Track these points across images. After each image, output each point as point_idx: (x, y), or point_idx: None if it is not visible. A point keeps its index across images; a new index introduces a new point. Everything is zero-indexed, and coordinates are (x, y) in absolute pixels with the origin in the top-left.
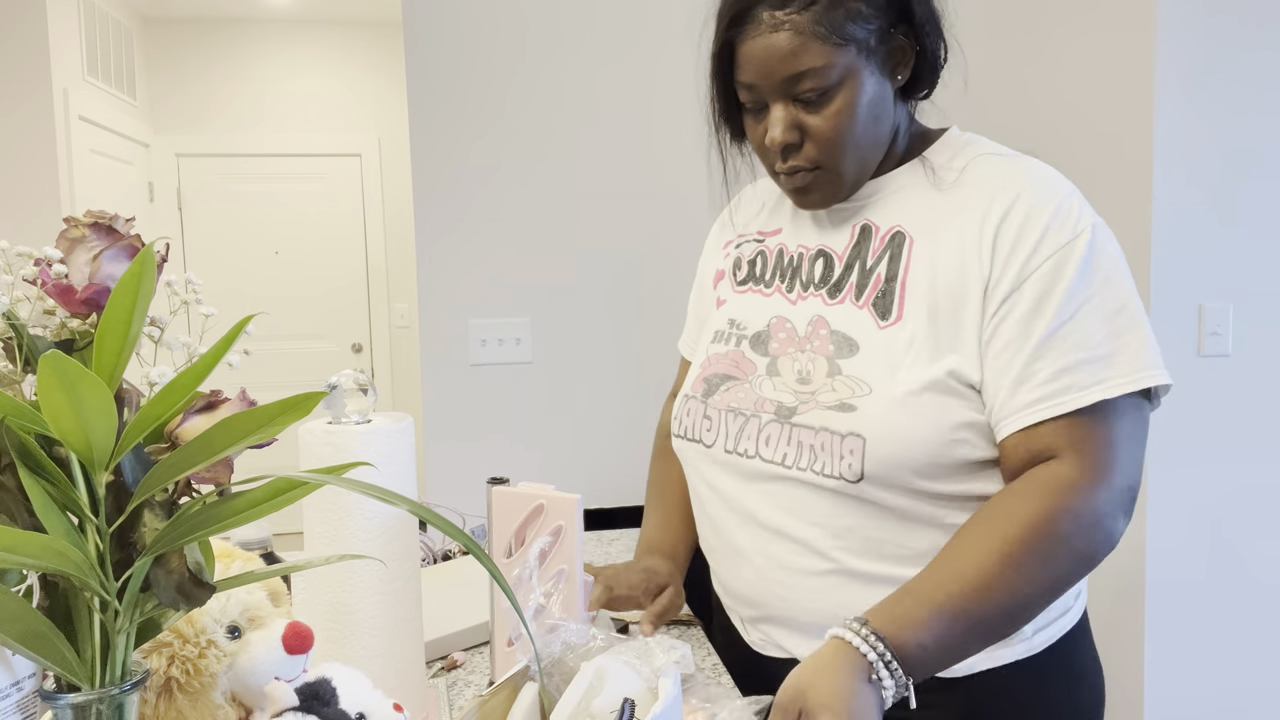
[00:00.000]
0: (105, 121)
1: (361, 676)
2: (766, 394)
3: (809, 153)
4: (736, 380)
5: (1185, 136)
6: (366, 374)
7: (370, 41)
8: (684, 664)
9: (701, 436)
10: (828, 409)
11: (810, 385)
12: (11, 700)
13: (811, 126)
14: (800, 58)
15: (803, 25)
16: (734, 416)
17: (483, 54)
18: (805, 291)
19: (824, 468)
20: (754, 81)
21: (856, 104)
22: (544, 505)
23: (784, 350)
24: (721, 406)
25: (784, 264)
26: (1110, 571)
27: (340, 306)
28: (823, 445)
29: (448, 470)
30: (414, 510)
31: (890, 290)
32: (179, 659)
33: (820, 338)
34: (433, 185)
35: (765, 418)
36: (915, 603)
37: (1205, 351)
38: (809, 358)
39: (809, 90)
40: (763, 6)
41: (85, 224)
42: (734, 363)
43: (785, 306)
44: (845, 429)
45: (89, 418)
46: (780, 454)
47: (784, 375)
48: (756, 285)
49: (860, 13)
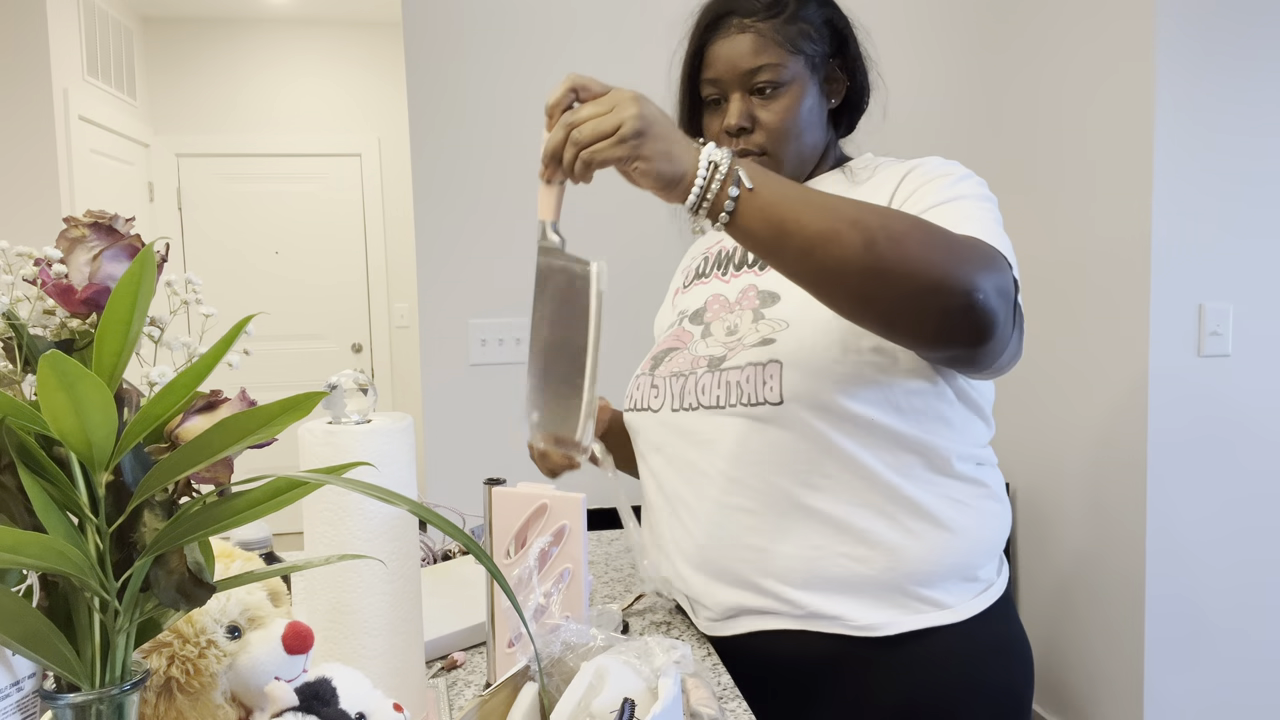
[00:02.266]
0: (105, 121)
1: (361, 676)
2: (700, 352)
3: (758, 139)
4: (677, 349)
5: (1185, 138)
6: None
7: (370, 41)
8: (684, 664)
9: (649, 404)
10: (751, 348)
11: (736, 334)
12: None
13: (762, 117)
14: (760, 55)
15: (765, 31)
16: (676, 379)
17: (483, 54)
18: (738, 271)
19: (749, 398)
20: (720, 75)
21: (800, 104)
22: (547, 505)
23: (716, 316)
24: (665, 374)
25: (720, 258)
26: (1110, 570)
27: (340, 306)
28: (747, 379)
29: (448, 470)
30: (414, 510)
31: None
32: (179, 659)
33: (748, 298)
34: (433, 185)
35: (700, 372)
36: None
37: (1205, 351)
38: (737, 315)
39: (764, 82)
40: (735, 15)
41: (85, 224)
42: (675, 337)
43: (720, 286)
44: (765, 358)
45: (89, 418)
46: (714, 397)
47: (715, 335)
48: (702, 280)
49: (809, 34)
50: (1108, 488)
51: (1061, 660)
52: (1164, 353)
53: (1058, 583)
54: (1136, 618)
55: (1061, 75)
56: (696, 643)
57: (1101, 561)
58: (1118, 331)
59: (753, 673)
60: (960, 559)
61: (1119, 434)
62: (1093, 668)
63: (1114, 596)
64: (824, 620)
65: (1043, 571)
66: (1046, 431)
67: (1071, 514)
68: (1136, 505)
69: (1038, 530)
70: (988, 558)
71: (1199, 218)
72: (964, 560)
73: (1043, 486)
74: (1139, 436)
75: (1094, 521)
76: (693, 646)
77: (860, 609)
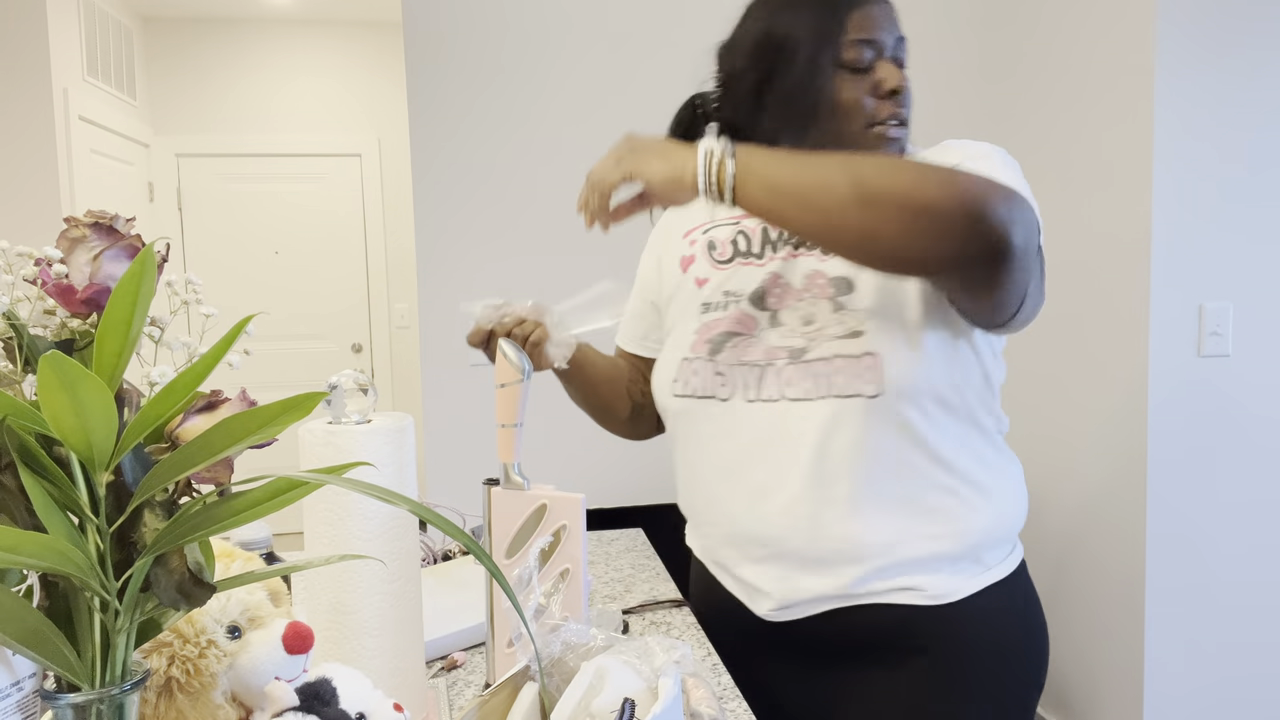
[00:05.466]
0: (105, 121)
1: (361, 676)
2: (775, 342)
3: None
4: (742, 335)
5: (1185, 137)
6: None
7: (370, 41)
8: (684, 664)
9: (715, 392)
10: (837, 339)
11: (815, 324)
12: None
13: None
14: (898, 25)
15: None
16: (749, 369)
17: (483, 54)
18: (796, 252)
19: (842, 390)
20: (877, 36)
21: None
22: (547, 505)
23: (783, 303)
24: (732, 361)
25: (770, 237)
26: (1111, 570)
27: (340, 306)
28: (837, 370)
29: (448, 470)
30: (414, 510)
31: None
32: (179, 659)
33: (818, 285)
34: (433, 185)
35: (780, 363)
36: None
37: (1205, 351)
38: (810, 304)
39: (903, 52)
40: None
41: (85, 224)
42: (736, 320)
43: (780, 266)
44: (859, 350)
45: (89, 418)
46: (803, 390)
47: (787, 324)
48: (746, 259)
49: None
50: (1108, 488)
51: (1061, 660)
52: (1164, 353)
53: (1058, 582)
54: (1136, 617)
55: (1061, 75)
56: (696, 643)
57: (1102, 561)
58: (1118, 331)
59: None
60: (1006, 522)
61: (1119, 434)
62: (1093, 667)
63: (1114, 596)
64: (899, 593)
65: (1043, 571)
66: (1047, 431)
67: (1072, 514)
68: (1136, 505)
69: (1038, 530)
70: (1021, 518)
71: (1199, 218)
72: (1008, 523)
73: (1043, 486)
74: (1139, 436)
75: (1094, 521)
76: (693, 646)
77: (934, 581)
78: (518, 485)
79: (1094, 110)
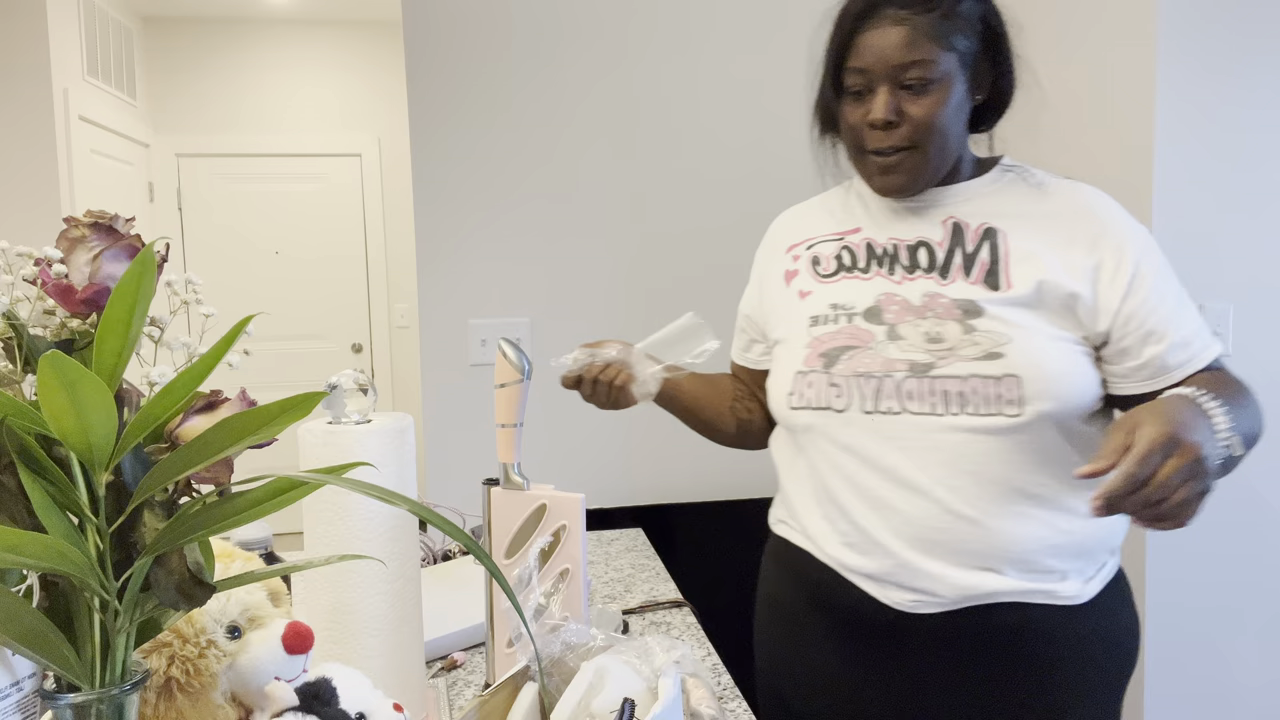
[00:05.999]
0: (105, 121)
1: (361, 676)
2: (894, 355)
3: (905, 133)
4: (857, 348)
5: (1185, 137)
6: (366, 374)
7: (370, 41)
8: (684, 664)
9: (830, 404)
10: (973, 360)
11: (944, 343)
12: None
13: (910, 111)
14: (914, 49)
15: (921, 25)
16: (864, 380)
17: (483, 54)
18: (911, 274)
19: (978, 409)
20: (868, 65)
21: (949, 101)
22: (547, 505)
23: (901, 319)
24: (847, 373)
25: (877, 254)
26: None
27: (340, 306)
28: (973, 390)
29: (448, 470)
30: (414, 510)
31: (995, 270)
32: (179, 659)
33: (941, 306)
34: (433, 185)
35: (900, 375)
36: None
37: None
38: (933, 323)
39: (915, 78)
40: (889, 5)
41: (85, 224)
42: (850, 335)
43: (891, 286)
44: (999, 372)
45: (89, 418)
46: (929, 405)
47: (908, 339)
48: (850, 274)
49: (964, 29)
50: None
51: None
52: None
53: None
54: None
55: (1060, 75)
56: (696, 643)
57: None
58: None
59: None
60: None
61: None
62: None
63: None
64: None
65: None
66: None
67: None
68: None
69: None
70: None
71: (1199, 218)
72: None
73: None
74: None
75: None
76: (692, 646)
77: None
78: (518, 485)
79: (1094, 110)
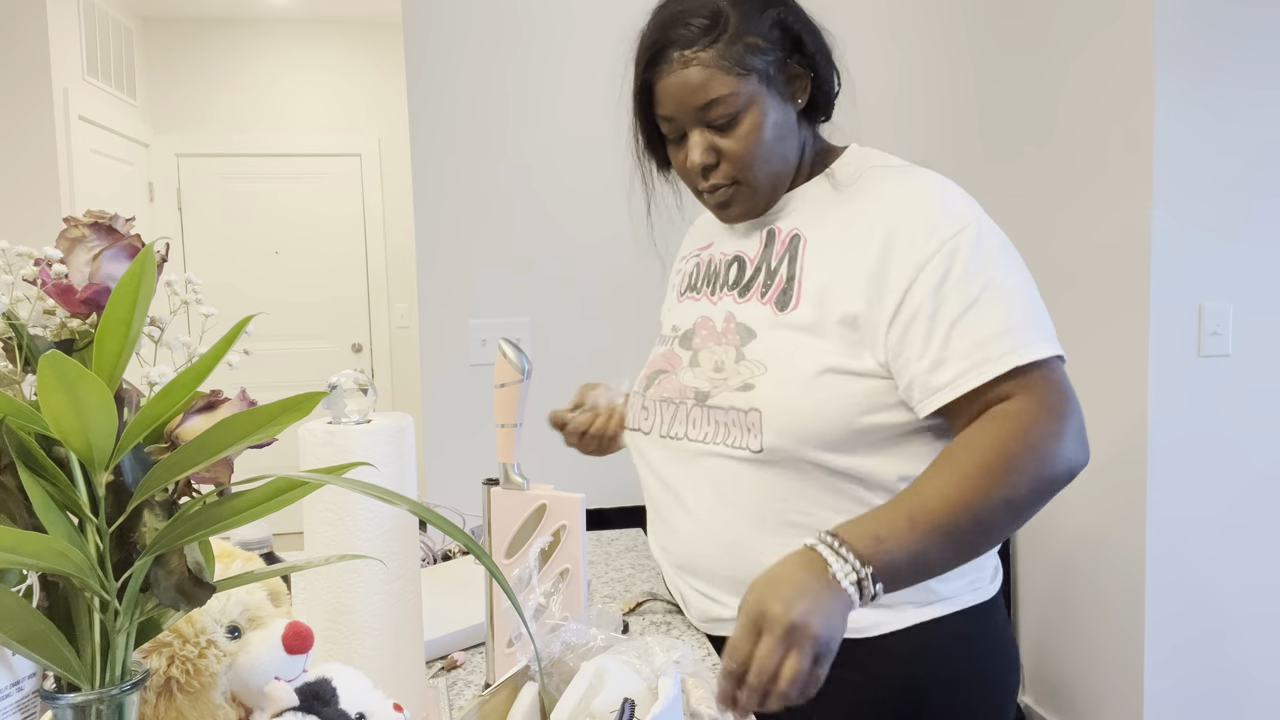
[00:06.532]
0: (105, 121)
1: (361, 676)
2: (687, 382)
3: (725, 170)
4: (666, 373)
5: (1185, 137)
6: (366, 374)
7: (370, 41)
8: (684, 664)
9: (640, 425)
10: (734, 390)
11: (723, 372)
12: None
13: (725, 148)
14: (709, 88)
15: (709, 60)
16: (665, 405)
17: (483, 54)
18: (720, 293)
19: (734, 441)
20: (672, 114)
21: (763, 125)
22: (546, 505)
23: (704, 345)
24: (656, 397)
25: (710, 271)
26: (1110, 569)
27: (340, 306)
28: (732, 421)
29: (448, 470)
30: (414, 510)
31: (790, 288)
32: (179, 659)
33: (731, 330)
34: (433, 185)
35: (689, 404)
36: (882, 516)
37: (1205, 351)
38: (723, 349)
39: (720, 116)
40: (673, 47)
41: (85, 224)
42: (665, 359)
43: (708, 308)
44: (746, 405)
45: (89, 418)
46: (703, 433)
47: (703, 366)
48: (692, 293)
49: (757, 46)
50: (1108, 488)
51: (1060, 659)
52: (1164, 353)
53: (1057, 582)
54: (1136, 617)
55: (1061, 75)
56: (696, 643)
57: (1101, 561)
58: (1118, 331)
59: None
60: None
61: (1119, 434)
62: (1092, 666)
63: (1113, 596)
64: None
65: (1042, 571)
66: None
67: (1072, 513)
68: (1136, 505)
69: (1038, 530)
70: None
71: (1199, 218)
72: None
73: None
74: (1139, 436)
75: (1094, 521)
76: (692, 647)
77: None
78: (517, 485)
79: (1094, 110)
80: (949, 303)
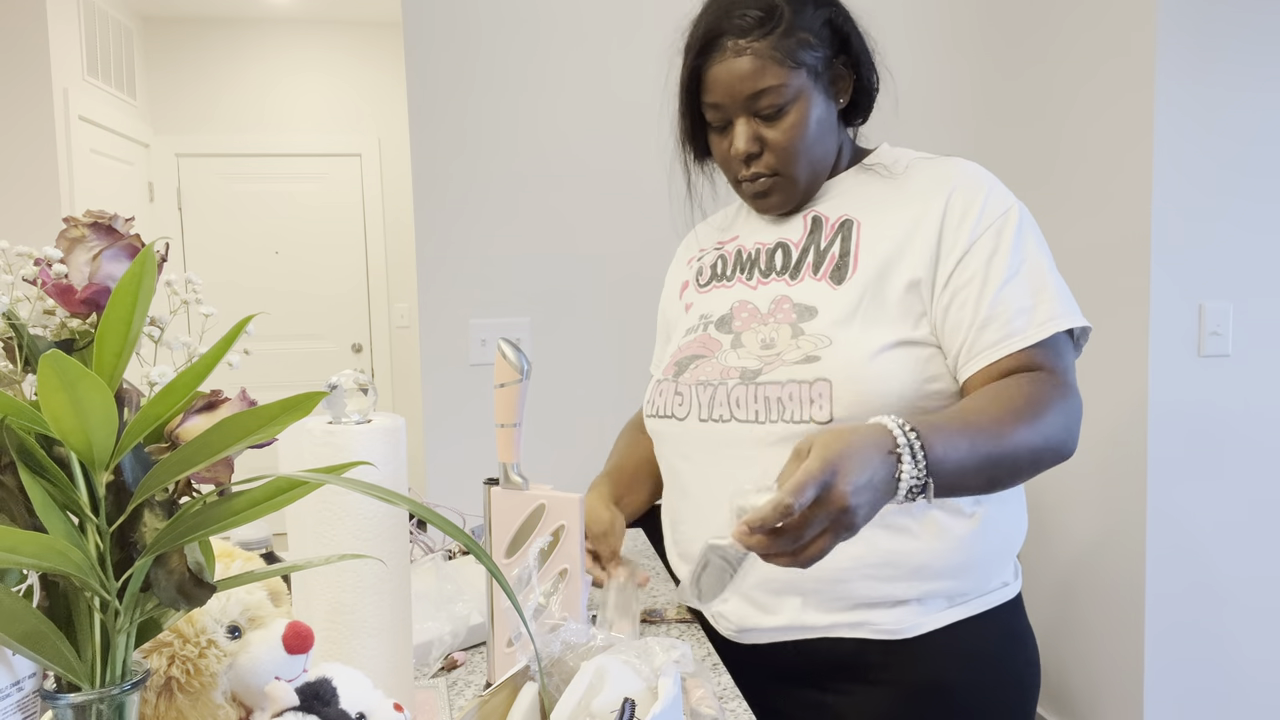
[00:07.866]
0: (105, 121)
1: (362, 676)
2: (731, 363)
3: (768, 160)
4: (704, 357)
5: (1185, 137)
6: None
7: (370, 41)
8: (684, 664)
9: (673, 412)
10: (793, 364)
11: (774, 348)
12: (11, 700)
13: (770, 138)
14: (761, 77)
15: (762, 50)
16: (703, 388)
17: (483, 54)
18: (766, 278)
19: (793, 415)
20: (721, 101)
21: (808, 119)
22: (545, 505)
23: (746, 326)
24: (691, 381)
25: (743, 260)
26: (1111, 569)
27: (340, 306)
28: (790, 395)
29: (448, 470)
30: (415, 510)
31: (845, 263)
32: (179, 659)
33: (783, 310)
34: (433, 185)
35: (732, 383)
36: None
37: (1205, 351)
38: (772, 328)
39: (768, 106)
40: (728, 36)
41: (85, 224)
42: (701, 344)
43: (747, 292)
44: (812, 376)
45: (89, 418)
46: (752, 412)
47: (748, 346)
48: (720, 283)
49: (808, 42)
50: (1108, 488)
51: (1062, 660)
52: (1164, 353)
53: (1058, 582)
54: (1137, 617)
55: (1061, 75)
56: (696, 643)
57: (1102, 561)
58: (1118, 331)
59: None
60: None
61: (1119, 434)
62: (1093, 667)
63: (1114, 596)
64: (848, 628)
65: (1043, 571)
66: None
67: (1072, 514)
68: (1137, 505)
69: (1038, 530)
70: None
71: (1199, 217)
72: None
73: (1043, 486)
74: (1139, 436)
75: (1094, 521)
76: (692, 646)
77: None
78: (517, 485)
79: (1094, 110)
80: (996, 272)
